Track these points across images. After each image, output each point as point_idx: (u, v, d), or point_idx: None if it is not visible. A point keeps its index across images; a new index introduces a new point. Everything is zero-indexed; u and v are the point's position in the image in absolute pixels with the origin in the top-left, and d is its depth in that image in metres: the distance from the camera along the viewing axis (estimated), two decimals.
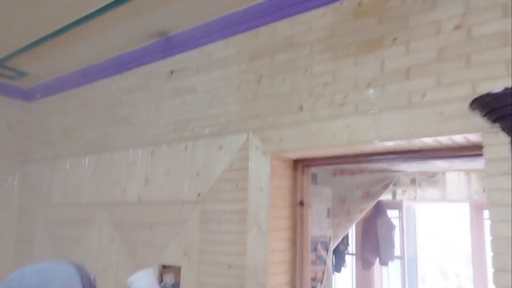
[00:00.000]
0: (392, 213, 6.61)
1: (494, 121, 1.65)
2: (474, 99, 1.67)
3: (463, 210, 7.23)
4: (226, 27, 2.78)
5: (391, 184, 3.22)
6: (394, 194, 6.54)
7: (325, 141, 2.19)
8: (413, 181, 6.44)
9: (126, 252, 3.09)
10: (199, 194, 2.76)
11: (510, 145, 1.64)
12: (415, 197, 6.42)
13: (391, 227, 6.53)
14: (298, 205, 2.56)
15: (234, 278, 2.47)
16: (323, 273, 2.84)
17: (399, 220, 6.47)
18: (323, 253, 2.87)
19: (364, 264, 6.72)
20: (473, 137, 1.84)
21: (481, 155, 1.77)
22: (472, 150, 1.92)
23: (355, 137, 2.08)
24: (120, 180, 3.30)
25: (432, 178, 6.43)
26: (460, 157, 1.94)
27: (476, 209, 6.01)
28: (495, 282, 1.63)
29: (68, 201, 3.73)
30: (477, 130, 1.76)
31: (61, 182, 3.84)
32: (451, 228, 9.87)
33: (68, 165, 3.81)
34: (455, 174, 6.22)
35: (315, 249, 2.76)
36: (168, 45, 3.10)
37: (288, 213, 2.54)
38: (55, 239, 3.75)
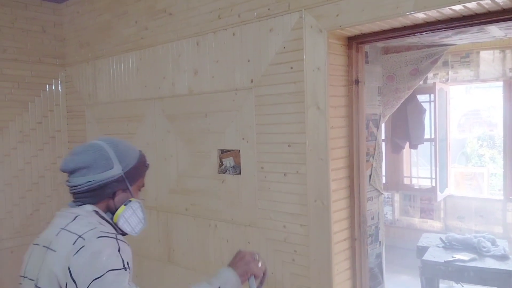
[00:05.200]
0: (422, 98, 6.63)
1: None
2: None
3: (496, 90, 7.18)
4: None
5: (440, 59, 3.18)
6: (425, 78, 6.50)
7: (388, 11, 2.14)
8: (445, 63, 6.36)
9: (183, 140, 3.25)
10: (252, 80, 2.80)
11: None
12: (447, 79, 6.38)
13: (421, 111, 6.59)
14: (354, 83, 2.59)
15: (294, 155, 2.61)
16: (374, 148, 2.97)
17: (430, 104, 6.50)
18: (374, 129, 2.96)
19: (394, 148, 6.93)
20: None
21: None
22: None
23: (421, 3, 2.02)
24: (167, 74, 3.35)
25: (465, 59, 6.33)
26: None
27: (511, 87, 5.95)
28: None
29: (115, 99, 3.83)
30: None
31: (106, 81, 3.92)
32: (482, 108, 9.91)
33: (110, 64, 3.85)
34: (490, 52, 6.07)
35: (367, 126, 2.85)
36: None
37: (344, 92, 2.58)
38: (108, 136, 3.93)
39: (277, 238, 2.73)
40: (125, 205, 1.34)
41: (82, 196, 1.31)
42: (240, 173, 2.90)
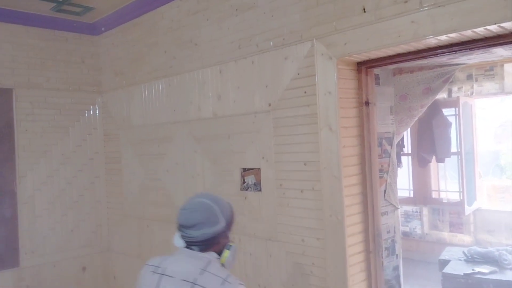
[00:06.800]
0: (447, 112, 6.65)
1: None
2: None
3: None
4: None
5: (452, 78, 3.29)
6: (449, 92, 6.54)
7: (390, 40, 2.32)
8: (469, 77, 6.38)
9: (209, 160, 3.50)
10: (270, 104, 3.02)
11: None
12: (471, 93, 6.39)
13: (447, 124, 6.61)
14: (364, 104, 2.77)
15: (309, 173, 2.80)
16: (389, 165, 3.11)
17: (455, 117, 6.52)
18: (388, 147, 3.11)
19: (421, 162, 6.95)
20: None
21: None
22: None
23: (420, 32, 2.19)
24: (194, 99, 3.62)
25: (489, 72, 6.32)
26: None
27: None
28: None
29: (147, 122, 4.15)
30: None
31: (139, 107, 4.24)
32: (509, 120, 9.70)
33: (142, 90, 4.17)
34: None
35: (380, 144, 3.00)
36: None
37: (355, 113, 2.76)
38: (141, 156, 4.24)
39: (296, 251, 2.90)
40: (227, 249, 1.70)
41: (196, 244, 1.65)
42: (261, 190, 3.10)
